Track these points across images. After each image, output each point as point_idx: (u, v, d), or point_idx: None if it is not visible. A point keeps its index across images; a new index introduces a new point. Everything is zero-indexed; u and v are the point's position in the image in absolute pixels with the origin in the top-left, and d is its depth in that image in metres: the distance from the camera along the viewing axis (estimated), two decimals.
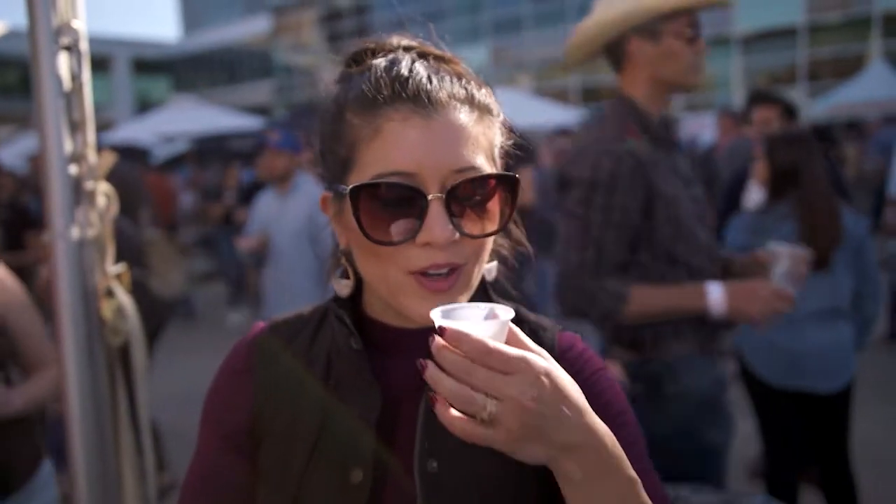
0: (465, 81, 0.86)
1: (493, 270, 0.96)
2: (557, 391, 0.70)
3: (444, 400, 0.71)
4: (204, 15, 52.85)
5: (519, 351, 0.71)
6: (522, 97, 15.53)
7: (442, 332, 0.71)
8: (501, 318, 0.74)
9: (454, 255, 0.82)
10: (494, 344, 0.70)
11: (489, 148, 0.87)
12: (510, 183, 0.85)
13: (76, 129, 1.62)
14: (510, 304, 0.94)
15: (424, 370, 0.71)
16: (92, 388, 1.64)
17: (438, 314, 0.73)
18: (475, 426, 0.70)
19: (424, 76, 0.83)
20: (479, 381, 0.69)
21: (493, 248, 0.93)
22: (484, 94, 0.88)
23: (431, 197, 0.79)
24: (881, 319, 6.07)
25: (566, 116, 15.01)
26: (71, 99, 1.61)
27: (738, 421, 2.23)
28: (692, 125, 14.29)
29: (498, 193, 0.84)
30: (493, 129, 0.88)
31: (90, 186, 1.66)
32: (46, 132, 1.58)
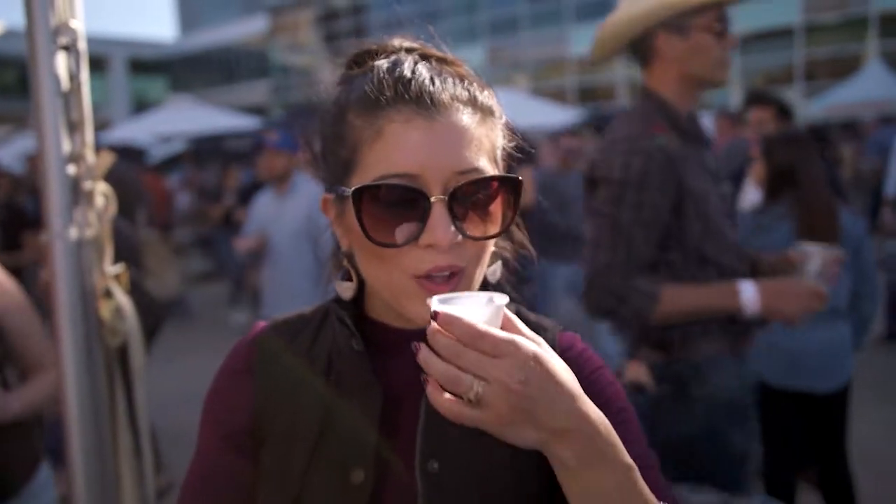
0: (467, 83, 0.86)
1: (496, 272, 0.96)
2: (547, 375, 0.71)
3: (435, 382, 0.71)
4: (201, 15, 52.81)
5: (509, 335, 0.71)
6: (520, 97, 15.53)
7: (436, 316, 0.72)
8: (496, 303, 0.74)
9: (456, 257, 0.81)
10: (484, 327, 0.71)
11: (491, 150, 0.86)
12: (513, 185, 0.85)
13: (74, 129, 1.61)
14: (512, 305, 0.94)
15: (419, 352, 0.72)
16: (90, 388, 1.63)
17: (436, 301, 0.74)
18: (463, 407, 0.70)
19: (427, 77, 0.83)
20: (467, 362, 0.69)
21: (495, 249, 0.92)
22: (486, 95, 0.88)
23: (434, 199, 0.79)
24: (879, 319, 6.10)
25: (563, 117, 15.01)
26: (69, 99, 1.60)
27: None
28: None
29: (500, 195, 0.84)
30: (495, 130, 0.88)
31: (88, 186, 1.65)
32: (44, 132, 1.57)
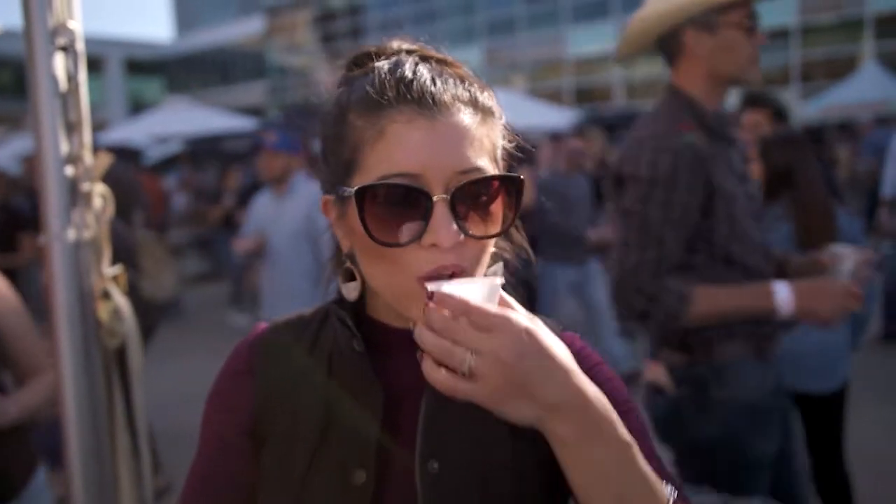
0: (467, 84, 0.86)
1: (498, 272, 0.96)
2: (541, 349, 0.71)
3: (430, 358, 0.72)
4: (197, 15, 52.74)
5: (502, 309, 0.72)
6: (517, 98, 15.53)
7: (432, 296, 0.74)
8: (491, 283, 0.76)
9: (459, 257, 0.81)
10: (476, 303, 0.72)
11: (492, 150, 0.87)
12: (514, 184, 0.85)
13: (72, 129, 1.61)
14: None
15: (414, 329, 0.74)
16: (88, 390, 1.63)
17: (432, 283, 0.76)
18: (458, 381, 0.71)
19: (428, 78, 0.83)
20: (460, 336, 0.71)
21: (495, 250, 0.92)
22: (486, 96, 0.88)
23: (436, 198, 0.79)
24: (875, 320, 6.12)
25: (560, 117, 15.03)
26: (67, 99, 1.59)
27: None
28: None
29: (502, 196, 0.84)
30: (495, 131, 0.88)
31: (86, 188, 1.65)
32: (42, 133, 1.56)
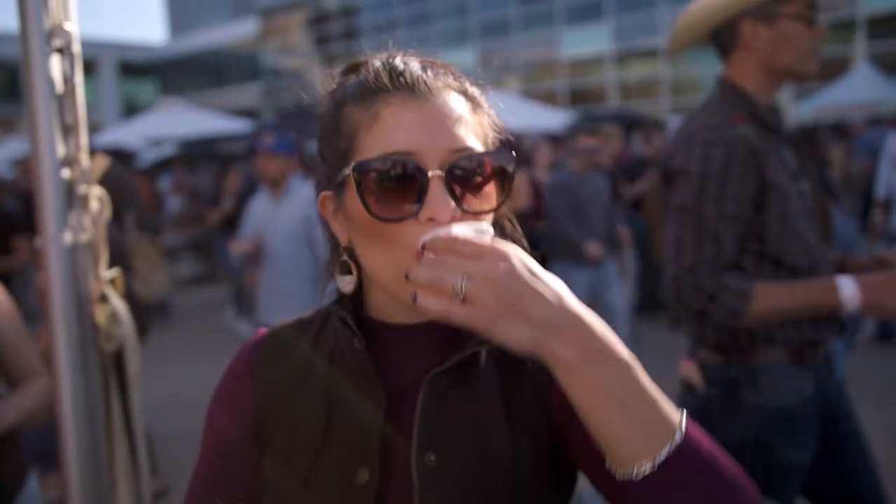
0: (457, 76, 0.91)
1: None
2: (530, 270, 0.72)
3: (424, 291, 0.73)
4: (191, 18, 52.72)
5: (488, 240, 0.74)
6: (511, 100, 15.54)
7: (424, 246, 0.76)
8: (480, 229, 0.78)
9: None
10: (464, 236, 0.74)
11: (484, 138, 0.90)
12: (507, 163, 0.87)
13: (69, 132, 1.61)
14: None
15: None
16: (85, 393, 1.62)
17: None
18: (452, 305, 0.71)
19: (419, 67, 0.88)
20: (450, 265, 0.72)
21: None
22: (476, 90, 0.92)
23: (432, 174, 0.81)
24: (870, 320, 6.14)
25: (555, 119, 15.06)
26: (63, 102, 1.59)
27: None
28: None
29: (494, 176, 0.86)
30: (485, 122, 0.91)
31: (83, 190, 1.64)
32: (38, 135, 1.56)
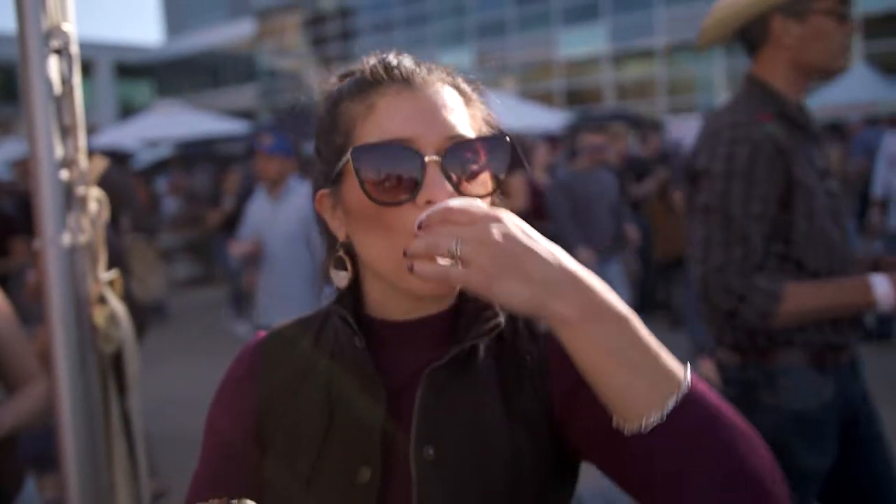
0: (449, 72, 0.93)
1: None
2: (522, 230, 0.73)
3: (420, 259, 0.75)
4: (187, 19, 52.66)
5: (482, 207, 0.76)
6: (509, 100, 15.54)
7: (420, 226, 0.78)
8: (467, 198, 0.79)
9: None
10: (454, 204, 0.76)
11: (478, 131, 0.91)
12: (502, 149, 0.88)
13: (67, 133, 1.60)
14: None
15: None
16: (84, 395, 1.62)
17: None
18: (449, 269, 0.73)
19: (413, 62, 0.90)
20: (445, 233, 0.73)
21: None
22: (468, 86, 0.94)
23: (428, 159, 0.82)
24: (868, 319, 6.14)
25: (552, 119, 15.07)
26: (61, 103, 1.59)
27: None
28: (676, 128, 14.36)
29: (490, 163, 0.87)
30: (478, 115, 0.93)
31: (82, 192, 1.64)
32: (37, 137, 1.56)
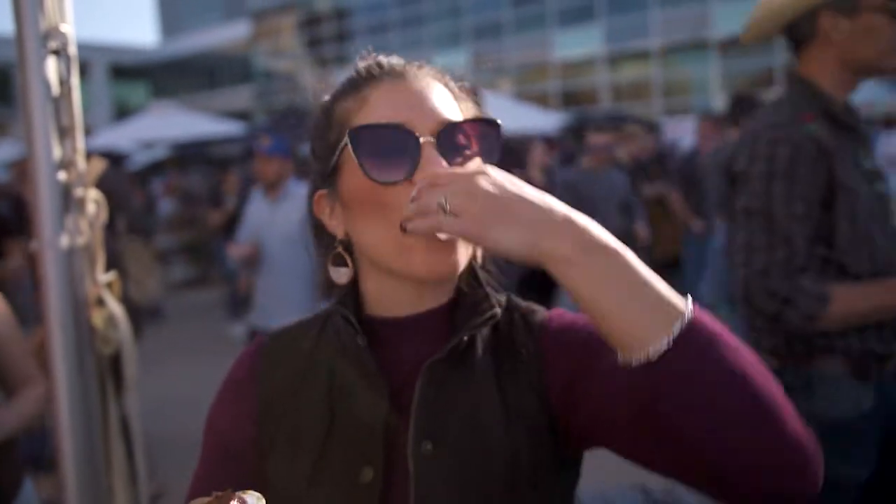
0: (439, 71, 0.95)
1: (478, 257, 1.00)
2: (507, 178, 0.76)
3: (414, 219, 0.79)
4: (182, 20, 52.56)
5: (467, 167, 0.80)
6: (504, 102, 15.54)
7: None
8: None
9: None
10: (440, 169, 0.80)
11: None
12: (494, 132, 0.89)
13: (65, 134, 1.60)
14: (503, 293, 0.99)
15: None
16: (82, 397, 1.61)
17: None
18: (441, 219, 0.76)
19: (403, 61, 0.94)
20: (434, 192, 0.77)
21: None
22: (458, 86, 0.96)
23: (423, 140, 0.84)
24: None
25: (548, 121, 15.07)
26: (59, 104, 1.59)
27: None
28: (672, 129, 14.38)
29: (482, 145, 0.88)
30: (470, 111, 0.94)
31: (80, 193, 1.63)
32: (34, 138, 1.55)
